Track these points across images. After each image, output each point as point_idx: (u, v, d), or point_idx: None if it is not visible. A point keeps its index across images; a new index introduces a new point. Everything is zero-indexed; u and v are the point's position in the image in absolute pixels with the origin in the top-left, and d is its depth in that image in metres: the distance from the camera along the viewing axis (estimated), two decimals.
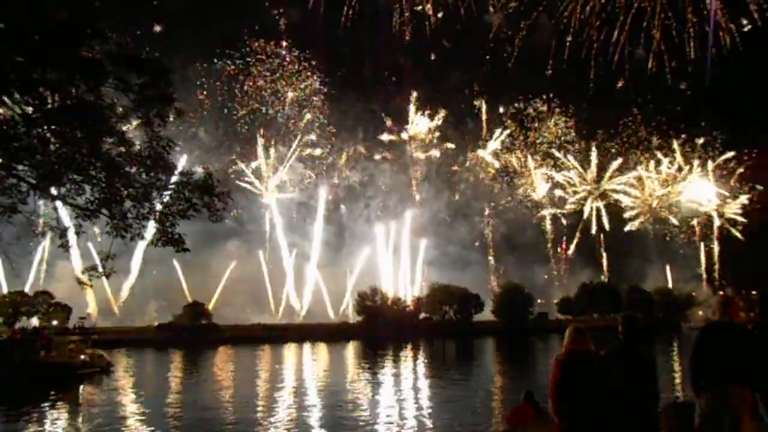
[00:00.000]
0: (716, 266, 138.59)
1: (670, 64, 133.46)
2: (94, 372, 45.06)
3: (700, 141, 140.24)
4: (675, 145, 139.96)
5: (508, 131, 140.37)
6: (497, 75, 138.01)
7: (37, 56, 9.08)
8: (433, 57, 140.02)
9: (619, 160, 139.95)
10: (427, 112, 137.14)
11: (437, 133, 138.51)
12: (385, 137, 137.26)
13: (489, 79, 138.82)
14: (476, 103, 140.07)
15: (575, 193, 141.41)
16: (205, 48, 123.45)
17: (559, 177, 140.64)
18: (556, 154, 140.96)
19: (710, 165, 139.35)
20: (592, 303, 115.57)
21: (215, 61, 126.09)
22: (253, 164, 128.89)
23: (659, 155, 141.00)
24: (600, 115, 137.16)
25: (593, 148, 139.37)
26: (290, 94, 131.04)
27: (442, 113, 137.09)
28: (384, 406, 29.25)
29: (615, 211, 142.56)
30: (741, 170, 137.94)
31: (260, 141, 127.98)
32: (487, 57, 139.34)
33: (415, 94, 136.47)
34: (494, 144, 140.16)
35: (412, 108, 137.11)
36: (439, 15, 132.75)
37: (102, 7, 10.12)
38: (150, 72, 10.30)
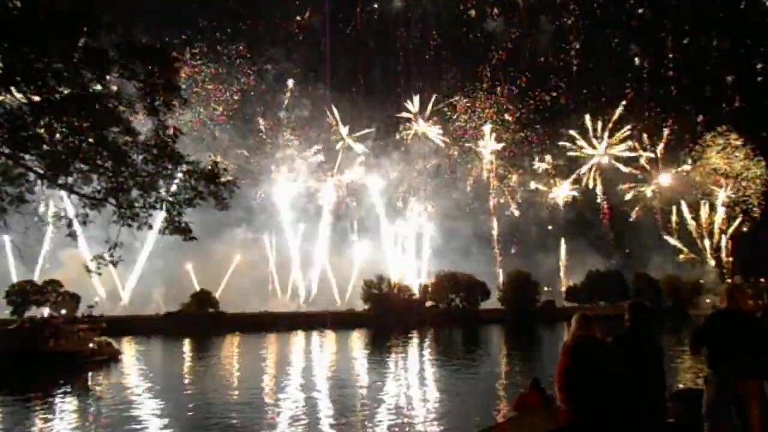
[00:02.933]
0: (724, 253, 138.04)
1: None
2: (103, 360, 45.41)
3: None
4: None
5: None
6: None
7: (43, 46, 9.08)
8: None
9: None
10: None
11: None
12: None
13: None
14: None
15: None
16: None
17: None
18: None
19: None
20: (599, 291, 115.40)
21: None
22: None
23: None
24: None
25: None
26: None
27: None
28: (391, 394, 29.37)
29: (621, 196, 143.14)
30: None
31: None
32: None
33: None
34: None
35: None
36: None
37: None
38: (155, 60, 10.29)
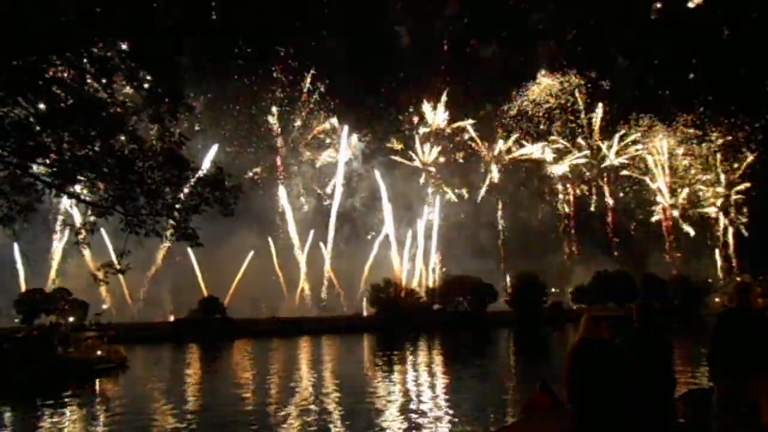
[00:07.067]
0: (732, 252, 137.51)
1: None
2: (111, 367, 45.49)
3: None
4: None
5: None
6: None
7: (49, 55, 9.14)
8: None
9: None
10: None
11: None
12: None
13: None
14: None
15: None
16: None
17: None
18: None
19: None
20: (607, 291, 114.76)
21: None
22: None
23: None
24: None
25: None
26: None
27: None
28: (399, 397, 29.33)
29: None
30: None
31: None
32: None
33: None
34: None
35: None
36: None
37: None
38: (161, 68, 10.35)
